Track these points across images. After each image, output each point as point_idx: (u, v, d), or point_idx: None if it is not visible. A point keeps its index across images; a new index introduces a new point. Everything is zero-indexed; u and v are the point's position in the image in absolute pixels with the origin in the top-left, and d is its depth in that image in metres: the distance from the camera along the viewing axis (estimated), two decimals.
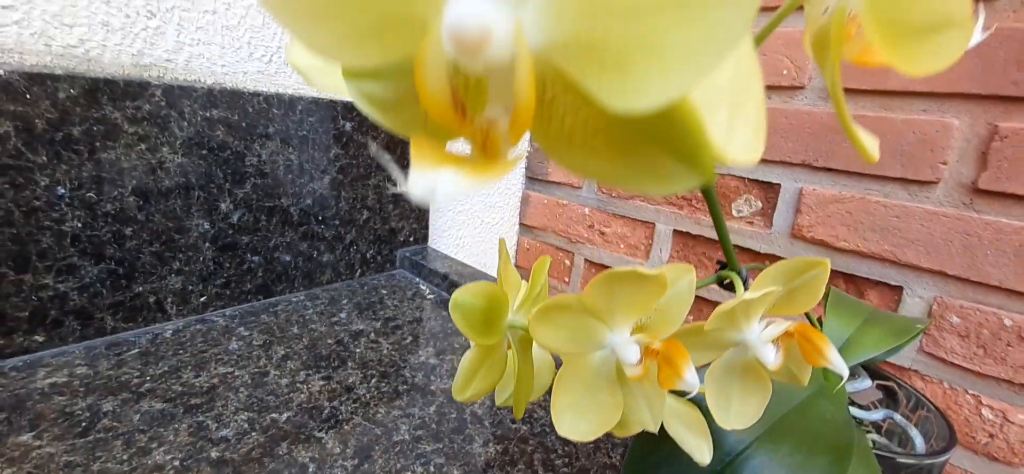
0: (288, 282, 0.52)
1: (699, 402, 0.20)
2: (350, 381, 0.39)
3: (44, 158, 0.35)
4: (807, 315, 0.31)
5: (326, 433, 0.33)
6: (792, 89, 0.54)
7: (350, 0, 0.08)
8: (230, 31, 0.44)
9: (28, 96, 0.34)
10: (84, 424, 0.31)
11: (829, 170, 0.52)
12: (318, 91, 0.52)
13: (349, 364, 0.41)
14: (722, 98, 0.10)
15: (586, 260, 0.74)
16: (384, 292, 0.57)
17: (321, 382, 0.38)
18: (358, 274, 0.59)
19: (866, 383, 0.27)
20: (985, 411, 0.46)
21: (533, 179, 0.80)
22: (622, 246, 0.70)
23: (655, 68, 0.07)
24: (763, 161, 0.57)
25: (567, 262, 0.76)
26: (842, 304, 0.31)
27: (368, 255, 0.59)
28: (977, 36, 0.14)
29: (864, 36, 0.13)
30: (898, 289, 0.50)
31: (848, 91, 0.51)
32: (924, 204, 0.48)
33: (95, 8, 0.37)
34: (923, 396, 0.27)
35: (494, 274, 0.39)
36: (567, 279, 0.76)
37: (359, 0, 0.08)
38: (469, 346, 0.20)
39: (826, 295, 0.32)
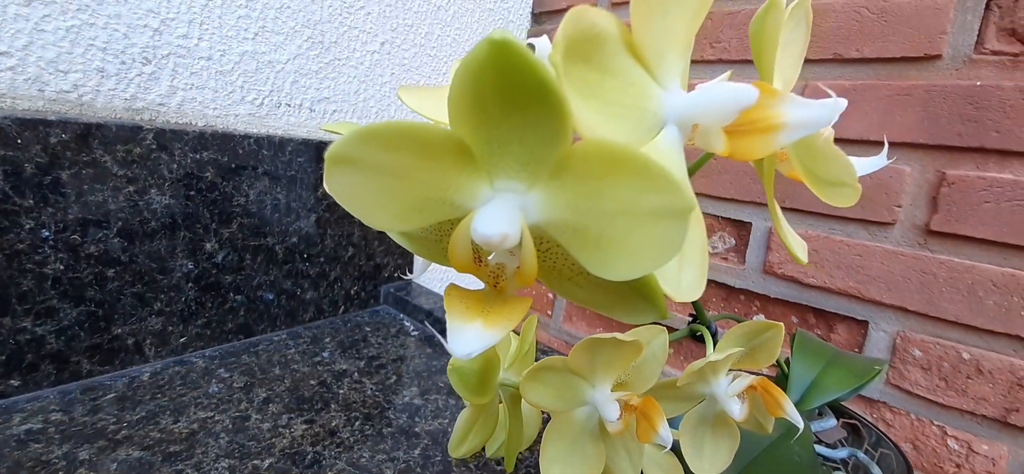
0: (270, 321, 0.52)
1: (676, 450, 0.21)
2: (333, 424, 0.39)
3: (30, 201, 0.35)
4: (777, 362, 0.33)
5: None
6: None
7: (401, 195, 0.11)
8: (224, 76, 0.46)
9: (19, 141, 0.34)
10: None
11: (795, 210, 0.55)
12: (307, 133, 0.53)
13: (332, 406, 0.41)
14: None
15: None
16: (368, 329, 0.57)
17: (304, 426, 0.38)
18: (342, 311, 0.59)
19: (831, 422, 0.29)
20: (950, 442, 0.48)
21: None
22: None
23: (623, 256, 0.10)
24: (735, 201, 0.60)
25: (550, 295, 0.77)
26: (807, 347, 0.33)
27: (352, 291, 0.59)
28: (882, 160, 0.17)
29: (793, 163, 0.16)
30: (864, 323, 0.53)
31: None
32: (883, 243, 0.51)
33: (91, 55, 0.38)
34: (884, 434, 0.29)
35: None
36: (550, 312, 0.78)
37: (406, 196, 0.11)
38: (451, 384, 0.21)
39: (793, 337, 0.34)
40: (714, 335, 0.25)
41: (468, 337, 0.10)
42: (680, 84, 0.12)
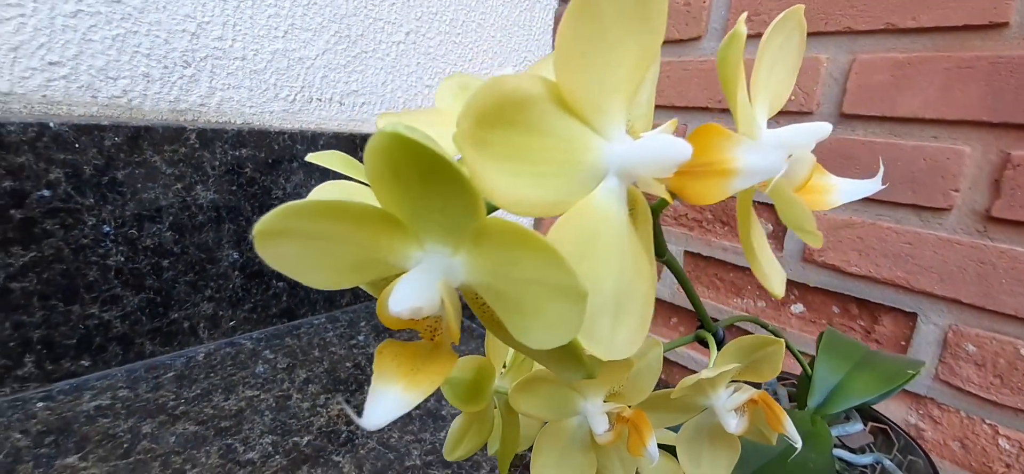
0: (310, 305, 0.55)
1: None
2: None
3: (91, 200, 0.39)
4: (801, 363, 0.32)
5: (343, 457, 0.36)
6: (800, 113, 0.54)
7: (336, 258, 0.11)
8: (257, 75, 0.48)
9: (77, 145, 0.38)
10: (126, 446, 0.34)
11: None
12: (338, 127, 0.55)
13: (365, 388, 0.44)
14: (606, 309, 0.12)
15: None
16: None
17: (339, 406, 0.41)
18: None
19: (857, 426, 0.28)
20: (1002, 441, 0.46)
21: None
22: None
23: (538, 325, 0.10)
24: None
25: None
26: (834, 347, 0.32)
27: None
28: (875, 185, 0.16)
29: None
30: (912, 316, 0.50)
31: (858, 117, 0.51)
32: (937, 231, 0.47)
33: (137, 61, 0.41)
34: (914, 440, 0.28)
35: None
36: None
37: (342, 259, 0.11)
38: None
39: (820, 337, 0.33)
40: (720, 342, 0.24)
41: (382, 408, 0.11)
42: (625, 131, 0.12)
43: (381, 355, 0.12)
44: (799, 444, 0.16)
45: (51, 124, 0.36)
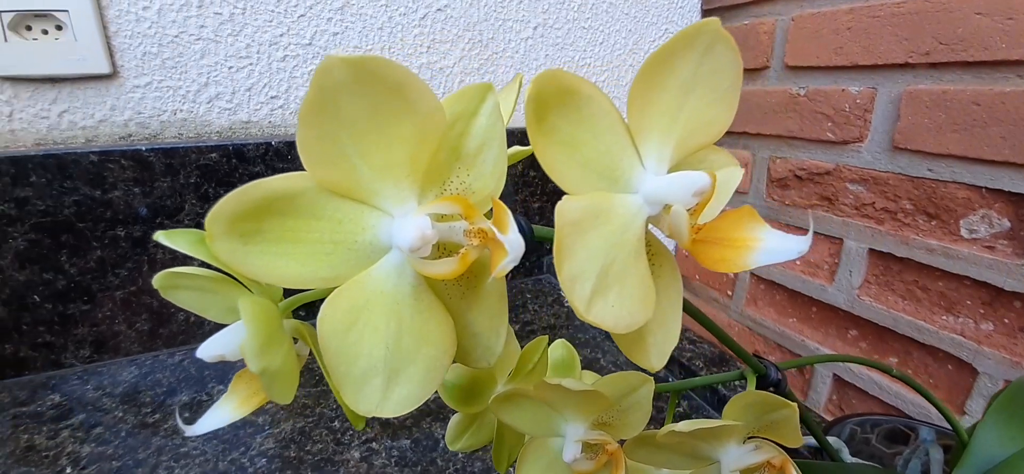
0: None
1: None
2: None
3: None
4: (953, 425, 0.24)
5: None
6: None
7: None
8: None
9: (289, 157, 0.52)
10: None
11: None
12: None
13: None
14: (375, 371, 0.13)
15: (752, 274, 0.65)
16: (528, 296, 0.63)
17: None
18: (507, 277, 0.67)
19: None
20: None
21: None
22: (798, 263, 0.60)
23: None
24: (1011, 164, 0.41)
25: (730, 273, 0.69)
26: (1017, 407, 0.23)
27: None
28: (810, 240, 0.12)
29: None
30: None
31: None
32: None
33: None
34: None
35: None
36: (730, 292, 0.69)
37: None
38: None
39: (998, 393, 0.24)
40: (775, 384, 0.21)
41: (209, 420, 0.14)
42: (417, 204, 0.12)
43: (236, 382, 0.15)
44: None
45: (273, 142, 0.51)
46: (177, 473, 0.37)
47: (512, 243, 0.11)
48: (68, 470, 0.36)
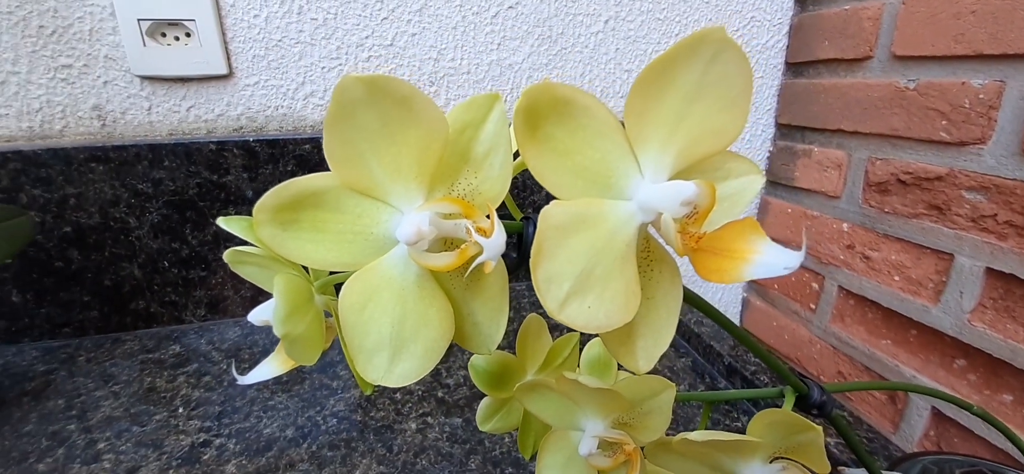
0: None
1: None
2: None
3: None
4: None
5: None
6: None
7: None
8: (478, 84, 0.59)
9: None
10: None
11: None
12: None
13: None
14: (382, 346, 0.14)
15: (840, 288, 0.59)
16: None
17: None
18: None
19: None
20: None
21: (775, 183, 0.69)
22: (897, 279, 0.53)
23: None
24: None
25: (815, 286, 0.63)
26: None
27: None
28: (802, 255, 0.11)
29: None
30: None
31: None
32: None
33: None
34: None
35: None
36: (813, 306, 0.63)
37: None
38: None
39: None
40: (819, 406, 0.19)
41: (257, 373, 0.16)
42: (420, 204, 0.13)
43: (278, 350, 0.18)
44: None
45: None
46: (264, 421, 0.42)
47: (489, 245, 0.12)
48: (180, 410, 0.44)
